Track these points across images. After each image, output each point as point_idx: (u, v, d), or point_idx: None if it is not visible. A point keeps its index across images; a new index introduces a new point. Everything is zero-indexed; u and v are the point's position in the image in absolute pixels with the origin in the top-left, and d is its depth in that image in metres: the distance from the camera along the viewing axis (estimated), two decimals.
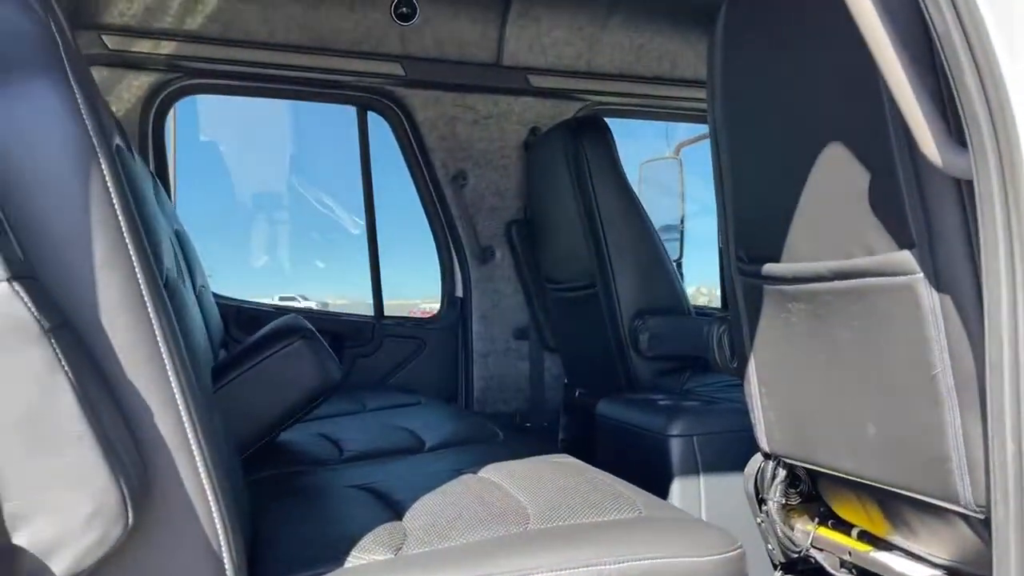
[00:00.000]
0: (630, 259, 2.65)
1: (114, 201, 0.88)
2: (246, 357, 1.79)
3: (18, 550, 0.77)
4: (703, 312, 3.24)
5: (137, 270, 0.88)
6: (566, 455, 1.74)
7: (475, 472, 1.55)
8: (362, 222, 3.46)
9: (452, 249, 3.40)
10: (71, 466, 0.78)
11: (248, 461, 1.75)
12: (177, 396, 0.90)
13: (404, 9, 3.05)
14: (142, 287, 0.88)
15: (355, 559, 1.11)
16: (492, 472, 1.52)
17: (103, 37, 2.74)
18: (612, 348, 2.71)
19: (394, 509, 1.33)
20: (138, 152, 2.88)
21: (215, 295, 3.11)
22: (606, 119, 2.94)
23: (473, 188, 3.33)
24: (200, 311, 2.30)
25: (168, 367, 0.89)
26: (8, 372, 0.76)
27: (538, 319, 3.34)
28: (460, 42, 3.19)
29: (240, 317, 3.08)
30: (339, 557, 1.11)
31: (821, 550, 1.63)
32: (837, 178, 1.30)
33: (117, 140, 1.08)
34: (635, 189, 3.12)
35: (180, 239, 2.39)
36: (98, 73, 2.84)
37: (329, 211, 5.65)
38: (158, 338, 0.89)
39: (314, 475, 1.67)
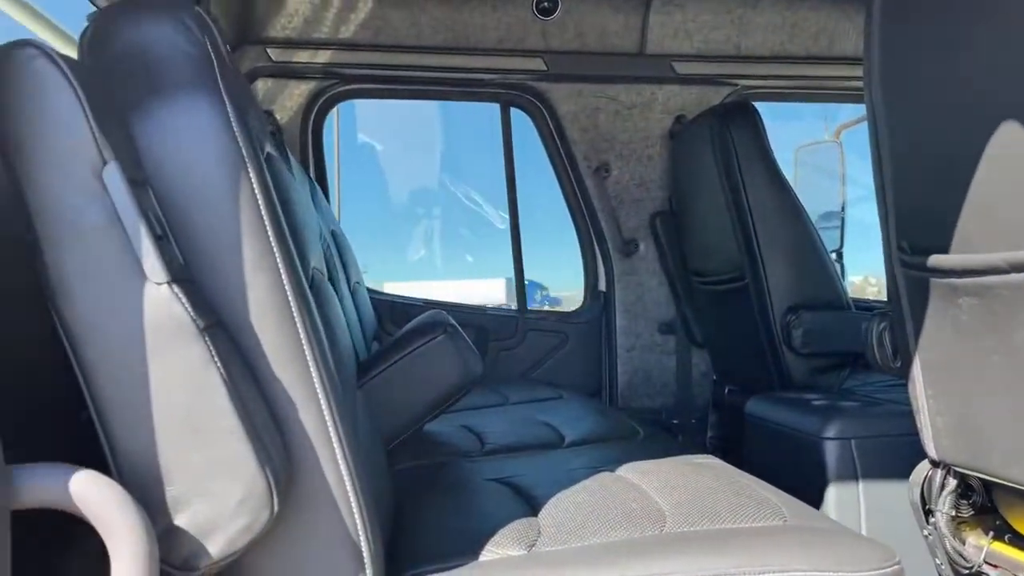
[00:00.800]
0: (782, 250, 2.51)
1: (261, 208, 0.93)
2: (391, 352, 1.86)
3: (179, 530, 0.84)
4: (865, 306, 3.03)
5: (282, 272, 0.93)
6: (709, 456, 1.68)
7: (613, 470, 1.53)
8: (507, 216, 3.51)
9: (595, 242, 3.38)
10: (223, 456, 0.84)
11: (394, 451, 1.83)
12: (319, 391, 0.94)
13: (546, 4, 3.05)
14: (287, 288, 0.94)
15: (489, 553, 1.12)
16: (630, 471, 1.50)
17: (268, 50, 2.93)
18: (763, 344, 2.59)
19: (530, 505, 1.34)
20: (299, 155, 3.08)
21: (369, 290, 3.27)
22: (758, 104, 2.80)
23: (616, 180, 3.28)
24: (354, 306, 2.42)
25: (311, 364, 0.94)
26: (168, 368, 0.82)
27: (684, 313, 3.25)
28: (602, 33, 3.15)
29: (393, 311, 3.22)
30: (474, 550, 1.13)
31: (996, 567, 1.48)
32: (1018, 162, 1.17)
33: (269, 148, 1.15)
34: (790, 175, 2.96)
35: (336, 239, 2.53)
36: (263, 84, 3.05)
37: (477, 207, 5.77)
38: (301, 337, 0.93)
39: (456, 467, 1.71)
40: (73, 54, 0.93)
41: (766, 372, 2.63)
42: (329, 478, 0.94)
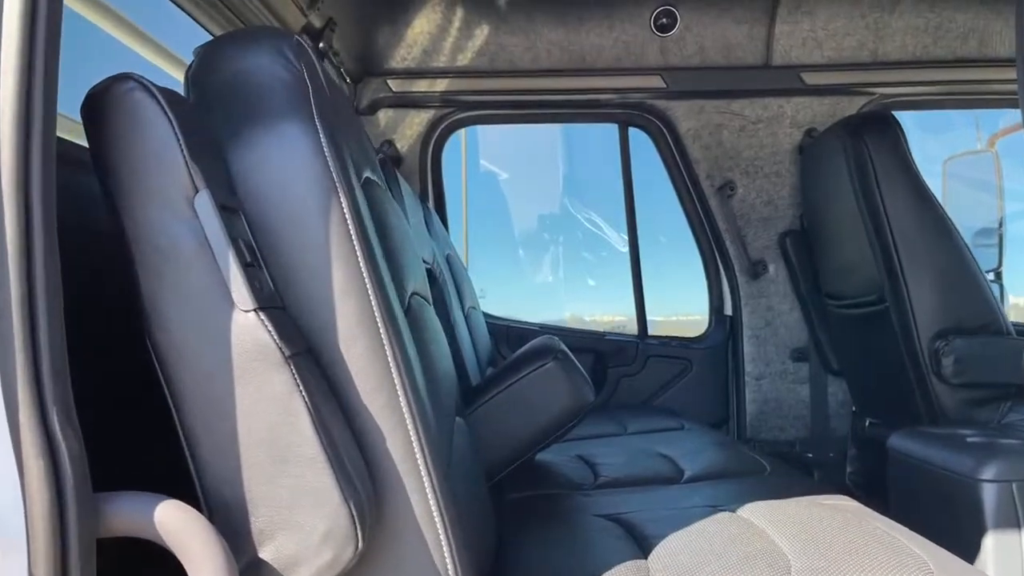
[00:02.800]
0: (927, 270, 2.29)
1: (352, 234, 0.91)
2: (500, 379, 1.82)
3: (264, 564, 0.82)
4: None
5: (372, 298, 0.91)
6: (843, 496, 1.52)
7: (733, 510, 1.41)
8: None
9: (720, 264, 3.23)
10: (306, 487, 0.81)
11: (503, 481, 1.78)
12: (407, 420, 0.91)
13: (664, 20, 2.97)
14: (376, 315, 0.91)
15: None
16: (752, 511, 1.38)
17: (388, 81, 3.01)
18: (909, 373, 2.37)
19: (641, 545, 1.25)
20: (419, 182, 3.13)
21: (485, 315, 3.27)
22: (899, 113, 2.59)
23: (742, 199, 3.13)
24: (467, 331, 2.41)
25: (399, 392, 0.91)
26: (254, 395, 0.81)
27: (819, 338, 3.04)
28: (725, 46, 3.03)
29: (509, 336, 3.20)
30: None
31: None
32: None
33: (368, 174, 1.14)
34: (938, 190, 2.71)
35: (451, 264, 2.53)
36: (385, 114, 3.14)
37: (598, 229, 5.69)
38: (390, 364, 0.91)
39: (566, 500, 1.64)
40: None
41: (912, 404, 2.40)
42: (417, 512, 0.90)
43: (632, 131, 3.26)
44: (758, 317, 3.17)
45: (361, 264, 0.92)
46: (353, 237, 0.92)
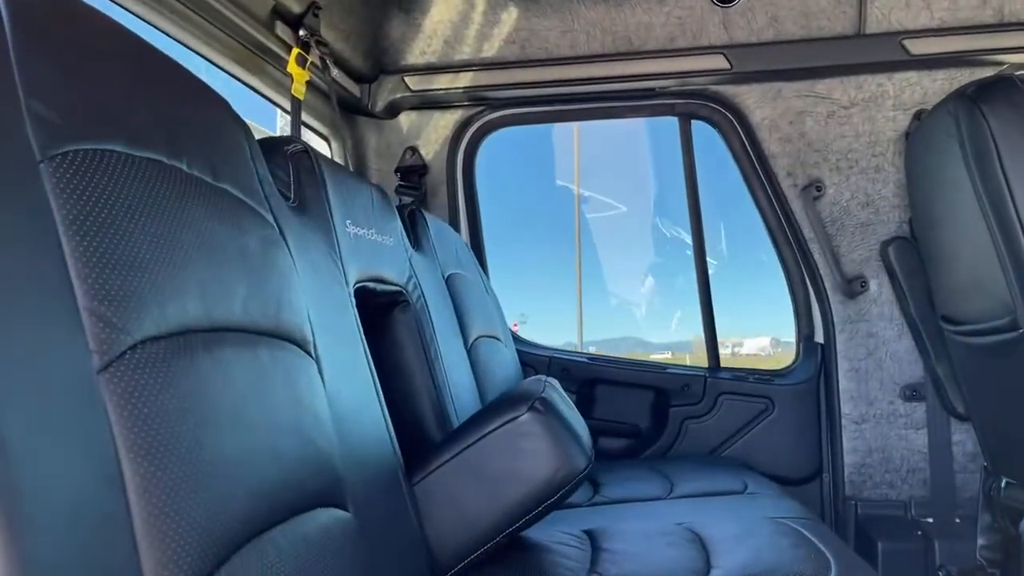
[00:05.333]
0: None
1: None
2: (459, 437, 1.38)
3: None
4: None
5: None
6: None
7: None
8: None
9: (807, 281, 2.64)
10: None
11: (471, 570, 1.34)
12: None
13: None
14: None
15: None
16: None
17: (406, 79, 2.65)
18: None
19: None
20: (447, 192, 2.74)
21: (525, 343, 2.82)
22: None
23: (833, 200, 2.54)
24: (467, 364, 1.99)
25: None
26: None
27: (937, 373, 2.39)
28: (804, 14, 2.47)
29: (551, 368, 2.73)
30: None
31: None
32: None
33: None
34: None
35: (455, 285, 2.12)
36: (407, 118, 2.78)
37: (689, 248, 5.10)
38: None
39: None
40: None
41: None
42: None
43: (697, 125, 2.75)
44: (857, 345, 2.55)
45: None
46: None
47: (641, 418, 2.71)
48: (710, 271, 2.81)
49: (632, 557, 1.40)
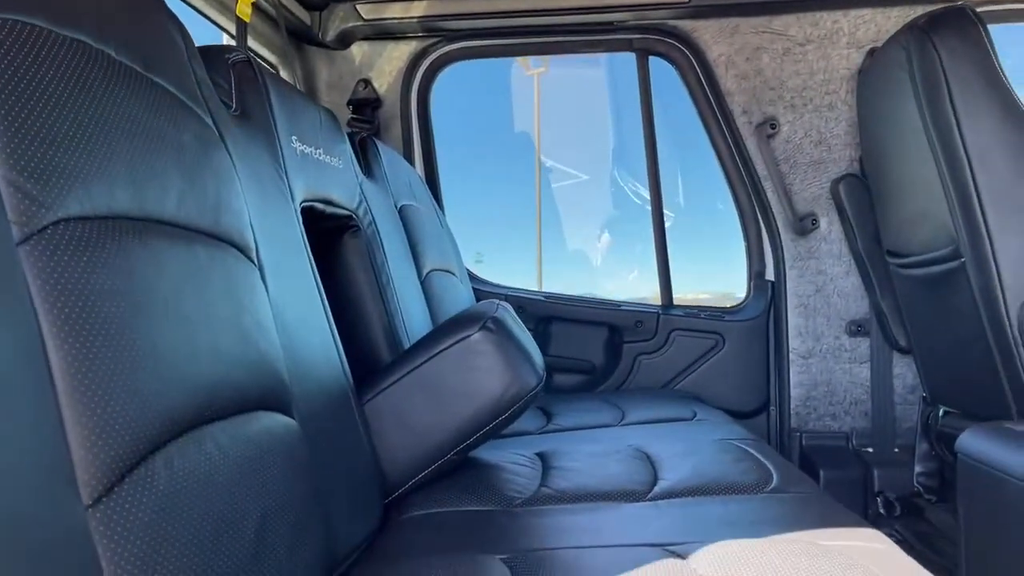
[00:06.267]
0: (1018, 213, 1.71)
1: None
2: (410, 356, 1.38)
3: None
4: None
5: None
6: (872, 532, 1.02)
7: (685, 556, 0.93)
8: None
9: (760, 218, 2.67)
10: None
11: (420, 488, 1.35)
12: None
13: None
14: None
15: None
16: (712, 560, 0.89)
17: (358, 7, 2.56)
18: (993, 349, 1.79)
19: None
20: (401, 128, 2.69)
21: (479, 282, 2.81)
22: (992, 27, 1.97)
23: (786, 138, 2.56)
24: (423, 297, 1.97)
25: None
26: None
27: (881, 308, 2.45)
28: None
29: None
30: None
31: None
32: None
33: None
34: None
35: (408, 217, 2.09)
36: (359, 49, 2.70)
37: (644, 202, 5.09)
38: None
39: (476, 523, 1.19)
40: None
41: (997, 390, 1.82)
42: None
43: (655, 65, 2.73)
44: (807, 282, 2.60)
45: None
46: None
47: (595, 354, 2.73)
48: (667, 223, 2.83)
49: (581, 472, 1.42)
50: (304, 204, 1.40)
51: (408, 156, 2.75)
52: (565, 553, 0.99)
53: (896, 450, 2.52)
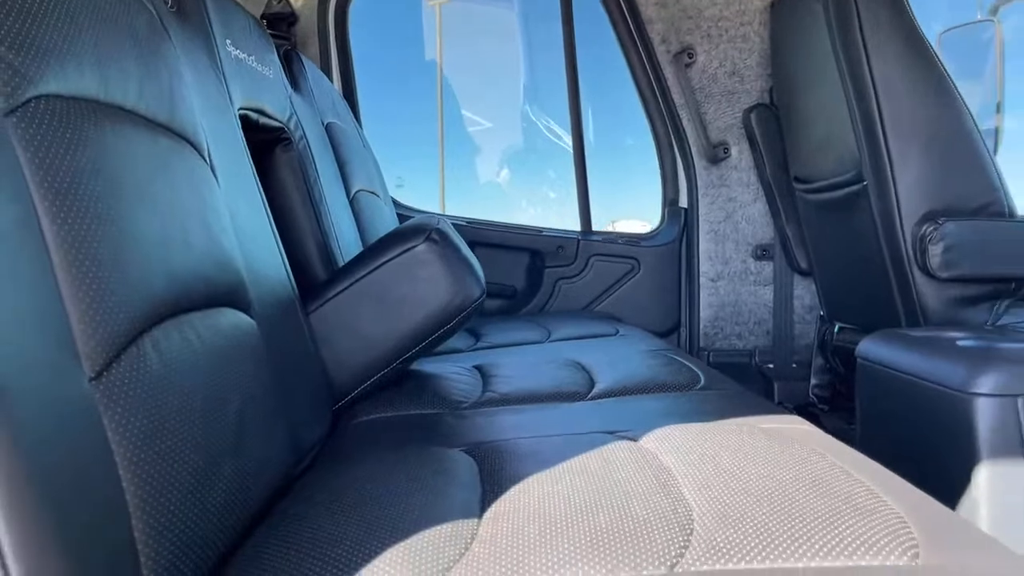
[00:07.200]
0: (917, 139, 1.85)
1: None
2: (355, 267, 1.39)
3: None
4: None
5: None
6: (792, 417, 1.12)
7: (635, 438, 1.00)
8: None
9: (675, 147, 2.76)
10: None
11: (361, 399, 1.37)
12: None
13: None
14: None
15: None
16: (661, 441, 0.97)
17: None
18: (887, 268, 1.95)
19: (485, 495, 0.84)
20: (318, 47, 2.60)
21: (400, 206, 2.81)
22: None
23: (702, 68, 2.64)
24: (352, 216, 1.96)
25: None
26: None
27: (785, 233, 2.61)
28: None
29: None
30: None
31: None
32: None
33: None
34: None
35: (335, 134, 2.05)
36: None
37: (557, 138, 5.13)
38: None
39: (427, 423, 1.23)
40: None
41: (889, 306, 2.00)
42: None
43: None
44: (717, 209, 2.73)
45: None
46: None
47: (517, 279, 2.79)
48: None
49: (521, 379, 1.48)
50: (240, 111, 1.36)
51: (326, 74, 2.67)
52: (523, 442, 1.05)
53: (794, 365, 2.71)
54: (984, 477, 1.30)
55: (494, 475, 0.91)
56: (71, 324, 0.58)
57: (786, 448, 0.90)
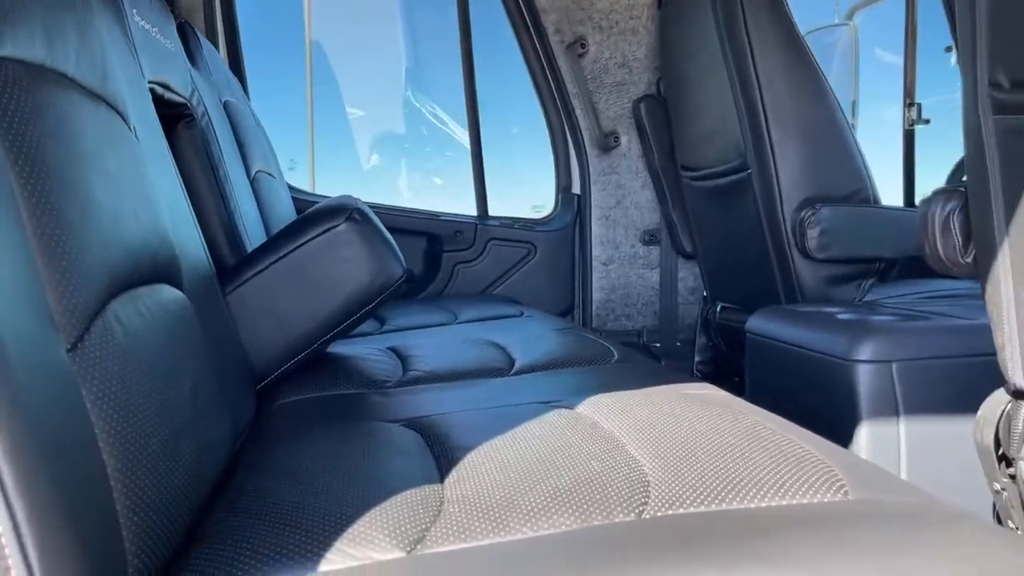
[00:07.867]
0: (797, 130, 2.01)
1: None
2: (274, 246, 1.36)
3: None
4: None
5: None
6: (706, 385, 1.21)
7: (572, 407, 1.05)
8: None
9: (568, 135, 2.85)
10: None
11: (280, 382, 1.35)
12: None
13: None
14: None
15: (342, 557, 0.64)
16: (597, 408, 1.02)
17: None
18: (769, 250, 2.11)
19: (439, 463, 0.86)
20: (204, 18, 2.49)
21: (294, 189, 2.74)
22: None
23: (594, 59, 2.73)
24: (253, 197, 1.91)
25: None
26: None
27: (672, 218, 2.75)
28: None
29: None
30: (319, 550, 0.65)
31: None
32: None
33: None
34: None
35: (232, 112, 1.98)
36: None
37: (443, 124, 5.12)
38: None
39: (355, 402, 1.23)
40: None
41: (769, 285, 2.16)
42: None
43: None
44: (608, 195, 2.84)
45: None
46: None
47: (415, 263, 2.79)
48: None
49: (440, 358, 1.50)
50: (148, 85, 1.30)
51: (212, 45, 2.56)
52: (461, 415, 1.07)
53: (678, 343, 2.87)
54: (864, 434, 1.45)
55: (442, 445, 0.93)
56: (46, 294, 0.56)
57: (713, 410, 0.98)
